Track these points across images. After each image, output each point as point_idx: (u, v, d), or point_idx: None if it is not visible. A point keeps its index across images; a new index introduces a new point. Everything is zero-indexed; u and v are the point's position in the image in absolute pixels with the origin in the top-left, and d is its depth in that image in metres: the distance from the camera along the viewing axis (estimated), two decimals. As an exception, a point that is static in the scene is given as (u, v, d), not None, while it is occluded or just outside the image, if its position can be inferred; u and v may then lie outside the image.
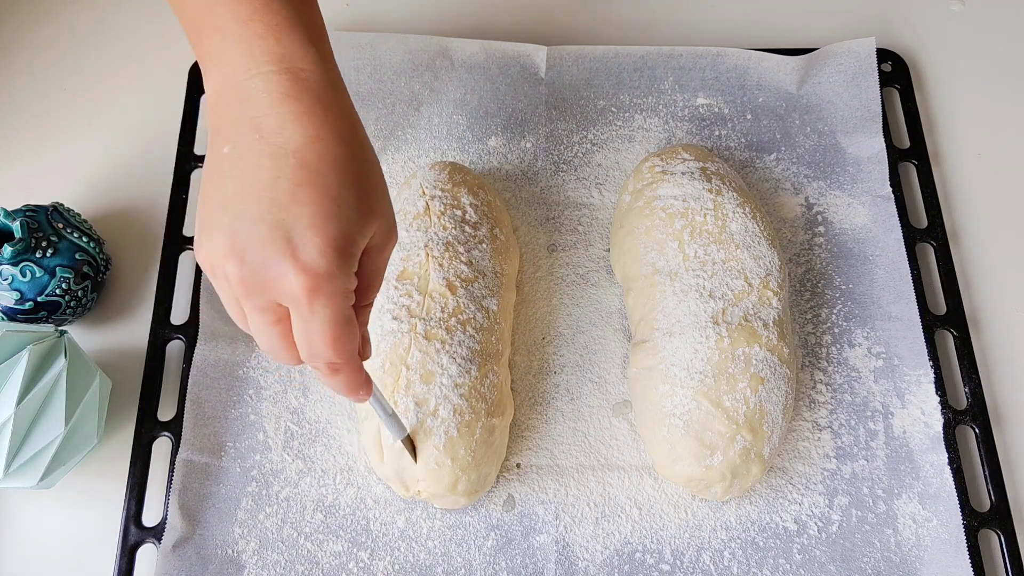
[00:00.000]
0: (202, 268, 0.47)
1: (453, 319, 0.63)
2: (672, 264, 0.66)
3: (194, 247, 0.46)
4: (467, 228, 0.68)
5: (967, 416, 0.68)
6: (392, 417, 0.58)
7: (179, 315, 0.72)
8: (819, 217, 0.77)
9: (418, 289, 0.64)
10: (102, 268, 0.71)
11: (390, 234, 0.47)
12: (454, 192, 0.70)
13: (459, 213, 0.68)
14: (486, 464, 0.62)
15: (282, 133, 0.43)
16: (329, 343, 0.44)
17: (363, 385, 0.49)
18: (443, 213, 0.68)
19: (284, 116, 0.43)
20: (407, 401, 0.60)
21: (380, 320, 0.64)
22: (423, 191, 0.70)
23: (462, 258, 0.66)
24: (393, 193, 0.77)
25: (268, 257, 0.41)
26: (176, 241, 0.75)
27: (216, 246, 0.43)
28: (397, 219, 0.68)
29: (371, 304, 0.50)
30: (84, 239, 0.69)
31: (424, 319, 0.63)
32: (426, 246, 0.66)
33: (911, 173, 0.79)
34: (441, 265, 0.65)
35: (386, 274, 0.65)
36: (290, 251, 0.41)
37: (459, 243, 0.66)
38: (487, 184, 0.73)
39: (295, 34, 0.44)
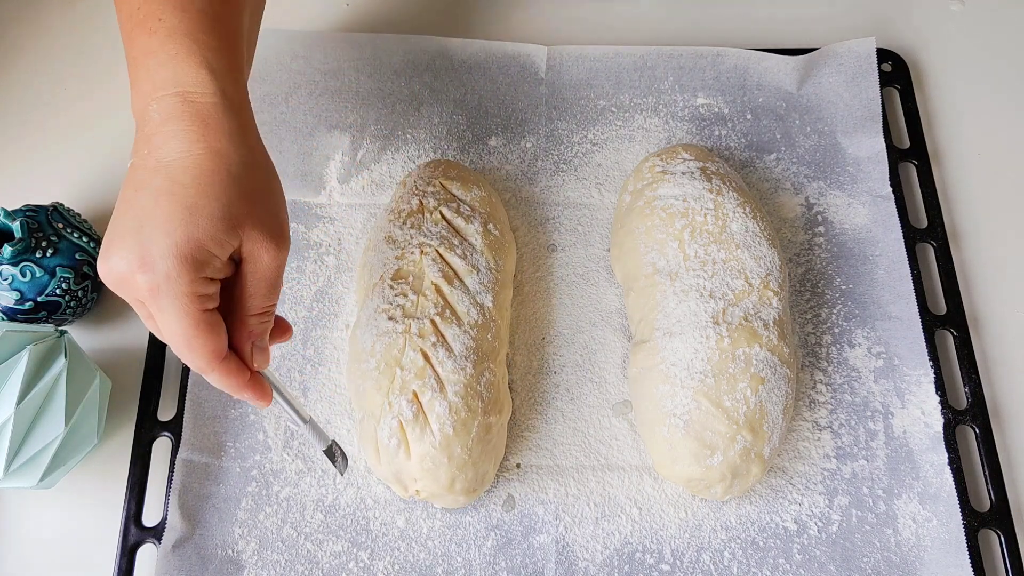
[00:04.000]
0: None
1: (448, 311, 0.63)
2: (672, 264, 0.66)
3: None
4: (460, 223, 0.68)
5: (967, 416, 0.68)
6: (310, 425, 0.57)
7: (179, 315, 0.72)
8: (819, 217, 0.77)
9: (412, 288, 0.64)
10: (102, 268, 0.71)
11: (269, 244, 0.50)
12: (447, 188, 0.70)
13: (452, 208, 0.68)
14: (484, 462, 0.62)
15: (162, 149, 0.48)
16: (181, 342, 0.48)
17: (248, 388, 0.52)
18: (436, 209, 0.68)
19: (167, 134, 0.48)
20: (400, 401, 0.60)
21: (376, 321, 0.64)
22: (416, 188, 0.70)
23: (456, 251, 0.66)
24: (389, 192, 0.77)
25: (123, 259, 0.46)
26: (176, 241, 0.75)
27: (102, 249, 0.48)
28: (392, 218, 0.69)
29: (266, 313, 0.52)
30: (84, 239, 0.69)
31: (418, 318, 0.63)
32: (420, 244, 0.66)
33: (911, 173, 0.79)
34: (435, 261, 0.65)
35: (381, 274, 0.65)
36: (139, 253, 0.46)
37: (453, 237, 0.67)
38: (482, 180, 0.73)
39: (192, 61, 0.49)
